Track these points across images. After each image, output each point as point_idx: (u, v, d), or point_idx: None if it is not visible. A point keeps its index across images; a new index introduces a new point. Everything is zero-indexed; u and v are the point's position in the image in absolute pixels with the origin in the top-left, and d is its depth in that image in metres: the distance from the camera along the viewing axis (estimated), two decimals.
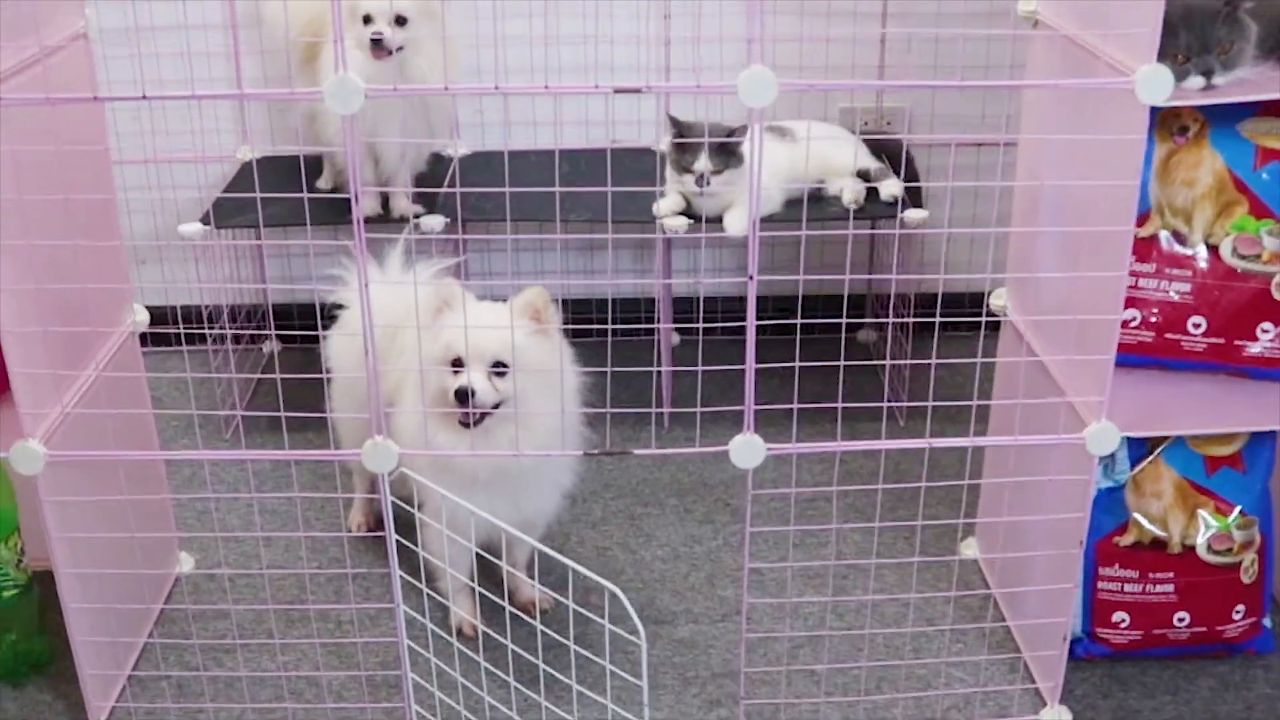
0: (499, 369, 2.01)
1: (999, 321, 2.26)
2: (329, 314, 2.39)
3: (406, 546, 1.92)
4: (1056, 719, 2.09)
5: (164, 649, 2.25)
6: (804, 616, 2.33)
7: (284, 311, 3.27)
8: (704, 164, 2.68)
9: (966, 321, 1.97)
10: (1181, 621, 2.15)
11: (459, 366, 2.01)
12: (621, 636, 1.66)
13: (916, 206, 2.79)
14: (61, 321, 1.96)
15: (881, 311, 3.22)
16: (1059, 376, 2.01)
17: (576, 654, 1.78)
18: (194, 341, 2.70)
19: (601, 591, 1.60)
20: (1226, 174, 1.96)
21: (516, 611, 1.94)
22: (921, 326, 2.64)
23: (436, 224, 2.79)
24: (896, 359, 2.97)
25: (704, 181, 2.69)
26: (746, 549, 1.95)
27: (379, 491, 1.89)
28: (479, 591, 2.07)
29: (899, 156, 2.93)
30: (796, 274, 2.01)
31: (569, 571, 1.69)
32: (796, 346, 1.83)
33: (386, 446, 1.82)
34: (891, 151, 2.96)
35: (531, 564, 2.33)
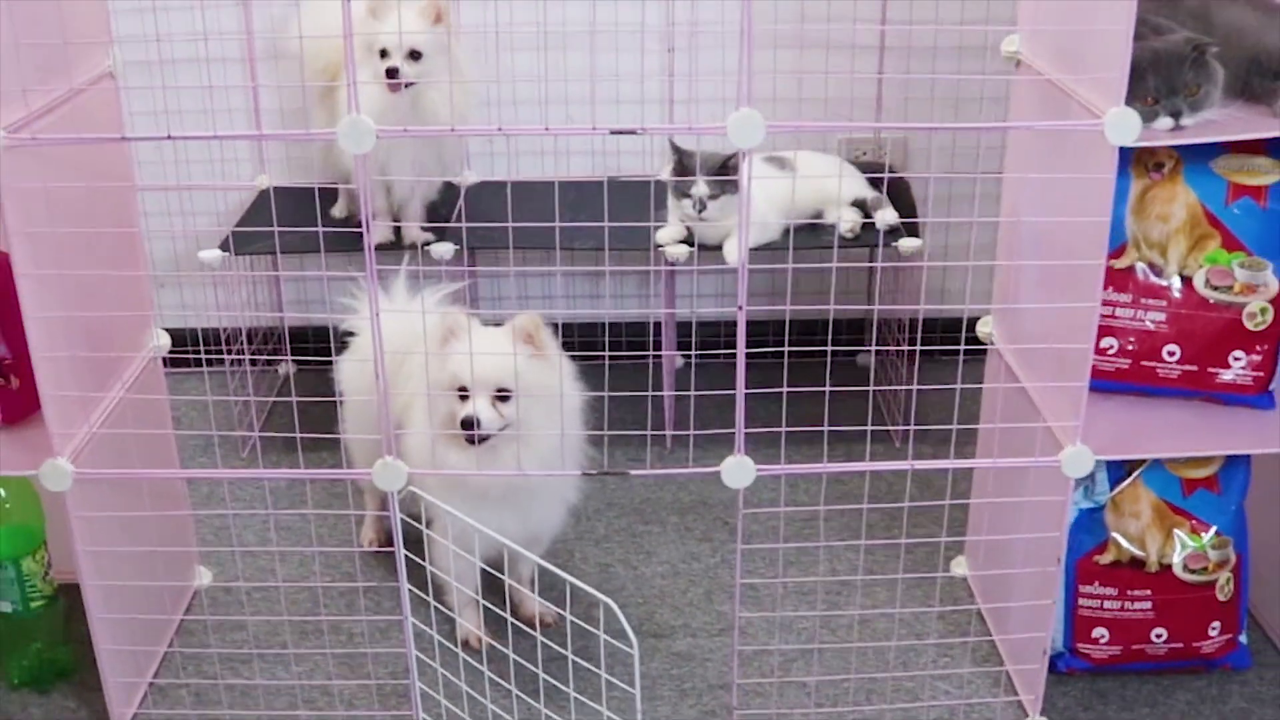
0: (502, 394, 2.09)
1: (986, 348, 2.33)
2: (341, 339, 2.48)
3: (415, 562, 1.99)
4: None
5: (183, 658, 2.32)
6: (797, 631, 2.40)
7: (299, 334, 3.31)
8: (701, 188, 2.74)
9: (948, 350, 2.05)
10: (1159, 637, 2.21)
11: (464, 392, 2.09)
12: (621, 649, 1.72)
13: (912, 235, 2.87)
14: (88, 346, 2.03)
15: (878, 336, 3.29)
16: (1039, 402, 2.07)
17: (576, 665, 1.86)
18: (212, 363, 2.78)
19: (605, 607, 1.68)
20: (1200, 209, 2.02)
21: (520, 624, 2.02)
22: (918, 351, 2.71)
23: (446, 251, 2.85)
24: (892, 383, 3.04)
25: (701, 206, 2.76)
26: (739, 565, 2.03)
27: (389, 509, 1.96)
28: (484, 605, 2.14)
29: (897, 185, 3.00)
30: (797, 300, 2.09)
31: (567, 586, 1.78)
32: (785, 372, 1.91)
33: (396, 466, 1.90)
34: (890, 180, 3.03)
35: (534, 579, 2.40)
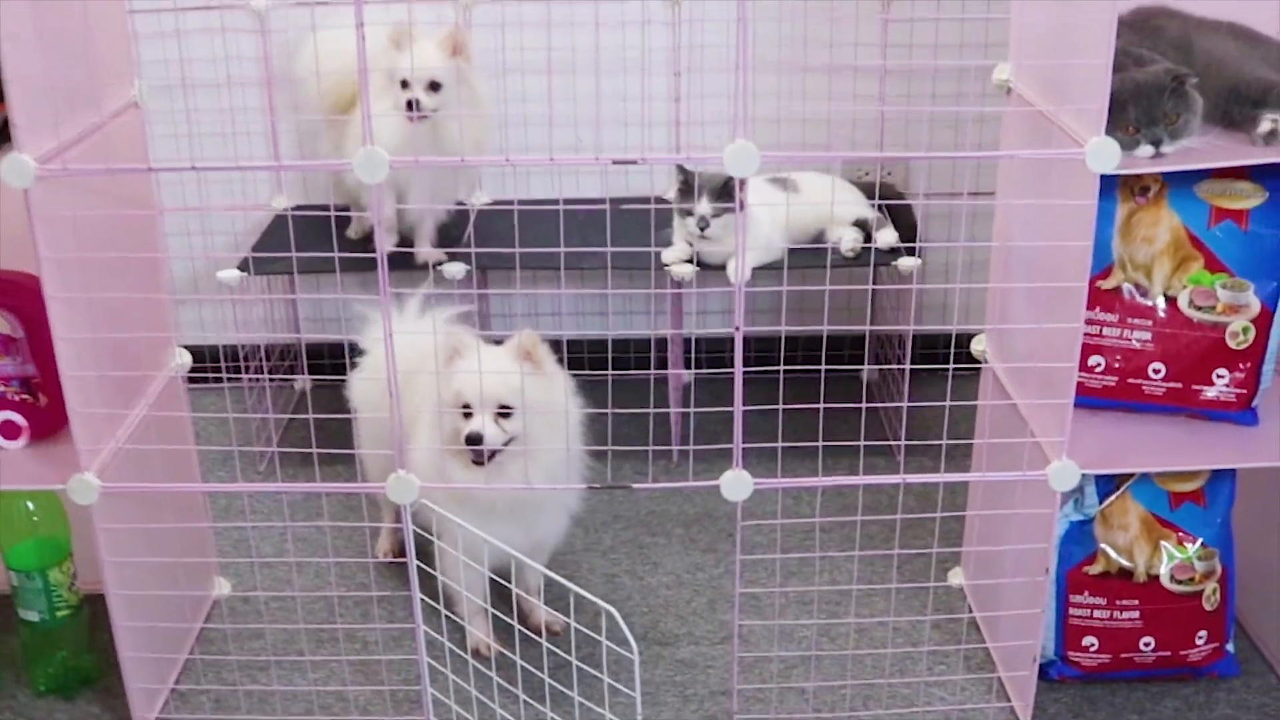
0: (504, 410, 2.16)
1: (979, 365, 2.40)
2: (353, 358, 2.55)
3: (427, 572, 2.06)
4: None
5: (203, 665, 2.37)
6: (798, 640, 2.46)
7: (315, 350, 3.38)
8: (704, 206, 2.80)
9: (940, 368, 2.12)
10: (1147, 646, 2.27)
11: (468, 409, 2.16)
12: (626, 657, 1.78)
13: (910, 254, 2.93)
14: (114, 366, 2.09)
15: (881, 352, 3.37)
16: (1028, 417, 2.14)
17: (580, 671, 1.94)
18: (230, 379, 2.86)
19: (608, 615, 1.76)
20: (1183, 232, 2.07)
21: (528, 632, 2.09)
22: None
23: (458, 271, 2.92)
24: (893, 398, 3.11)
25: (704, 224, 2.81)
26: (738, 575, 2.11)
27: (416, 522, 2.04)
28: (493, 613, 2.21)
29: (898, 204, 3.08)
30: (804, 318, 2.17)
31: (572, 596, 1.85)
32: (781, 389, 1.98)
33: (408, 480, 1.99)
34: (891, 198, 3.10)
35: (540, 588, 2.46)
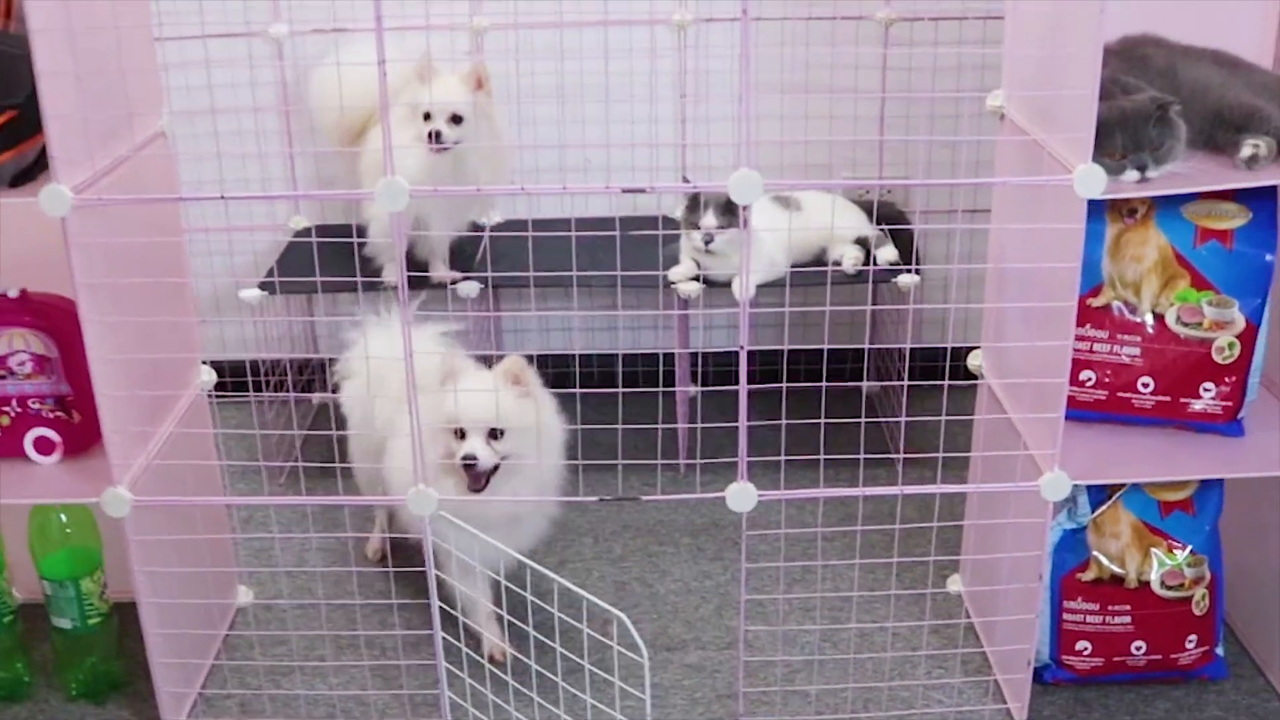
0: (494, 432, 2.26)
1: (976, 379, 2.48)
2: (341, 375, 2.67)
3: (444, 580, 2.15)
4: None
5: (229, 670, 2.45)
6: (802, 645, 2.53)
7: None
8: (710, 221, 2.86)
9: (938, 383, 2.20)
10: (1139, 650, 2.33)
11: (462, 431, 2.26)
12: (637, 661, 1.86)
13: (909, 271, 3.01)
14: (145, 384, 2.18)
15: (881, 367, 3.44)
16: (1021, 430, 2.21)
17: (592, 675, 2.02)
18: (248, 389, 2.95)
19: (619, 621, 1.84)
20: (1170, 251, 2.13)
21: (541, 638, 2.17)
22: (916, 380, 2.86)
23: (472, 290, 2.99)
24: (894, 411, 3.19)
25: (709, 239, 2.87)
26: (744, 583, 2.19)
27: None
28: (508, 620, 2.29)
29: (899, 222, 3.16)
30: (808, 333, 2.24)
31: (583, 602, 1.94)
32: (784, 403, 2.07)
33: (428, 493, 2.07)
34: (891, 216, 3.18)
35: (552, 595, 2.55)
